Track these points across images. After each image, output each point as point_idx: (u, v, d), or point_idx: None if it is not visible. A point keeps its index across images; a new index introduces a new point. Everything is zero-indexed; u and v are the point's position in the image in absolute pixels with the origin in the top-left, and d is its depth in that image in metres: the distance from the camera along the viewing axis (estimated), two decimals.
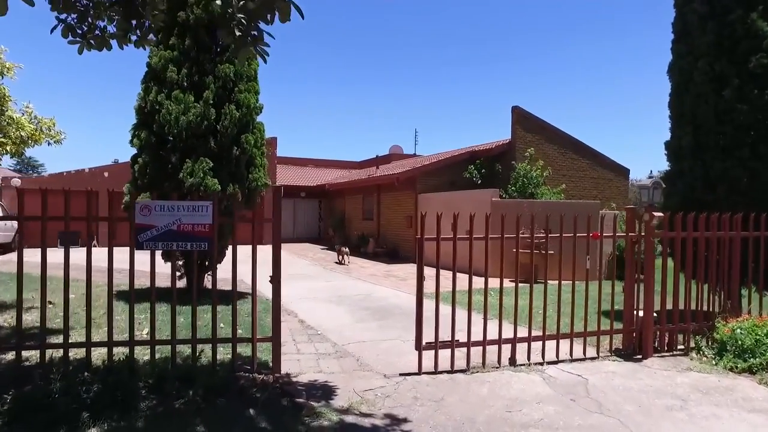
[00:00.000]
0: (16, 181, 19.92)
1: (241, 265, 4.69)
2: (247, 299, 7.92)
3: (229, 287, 4.79)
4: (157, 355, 4.35)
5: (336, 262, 15.45)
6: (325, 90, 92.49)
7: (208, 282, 9.39)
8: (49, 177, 21.59)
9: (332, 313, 7.75)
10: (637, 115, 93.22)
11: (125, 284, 8.83)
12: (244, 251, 4.83)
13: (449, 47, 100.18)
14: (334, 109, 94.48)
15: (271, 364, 4.53)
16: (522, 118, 16.91)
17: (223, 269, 5.90)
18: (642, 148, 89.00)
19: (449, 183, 16.65)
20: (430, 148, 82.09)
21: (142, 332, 5.78)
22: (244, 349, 4.83)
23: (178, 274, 8.43)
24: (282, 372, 4.55)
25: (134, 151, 7.77)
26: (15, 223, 11.11)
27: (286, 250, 20.04)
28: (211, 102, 7.52)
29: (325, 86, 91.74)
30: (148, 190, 7.21)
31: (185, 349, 4.62)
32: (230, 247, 5.07)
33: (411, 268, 14.30)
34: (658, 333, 5.52)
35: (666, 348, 5.54)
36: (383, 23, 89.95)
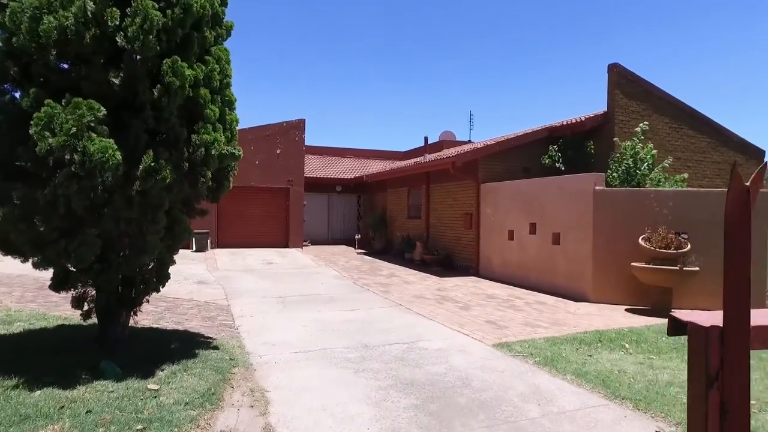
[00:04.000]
0: None
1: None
2: (199, 357, 4.07)
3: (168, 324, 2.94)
4: None
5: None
6: (368, 73, 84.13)
7: (140, 319, 5.91)
8: None
9: (340, 398, 3.98)
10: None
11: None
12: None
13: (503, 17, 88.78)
14: (377, 92, 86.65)
15: None
16: (623, 80, 12.44)
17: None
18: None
19: (522, 169, 12.53)
20: (486, 134, 72.72)
21: None
22: None
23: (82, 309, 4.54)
24: None
25: None
26: None
27: (315, 254, 16.40)
28: None
29: (367, 68, 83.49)
30: None
31: None
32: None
33: (472, 285, 10.30)
34: None
35: None
36: None
